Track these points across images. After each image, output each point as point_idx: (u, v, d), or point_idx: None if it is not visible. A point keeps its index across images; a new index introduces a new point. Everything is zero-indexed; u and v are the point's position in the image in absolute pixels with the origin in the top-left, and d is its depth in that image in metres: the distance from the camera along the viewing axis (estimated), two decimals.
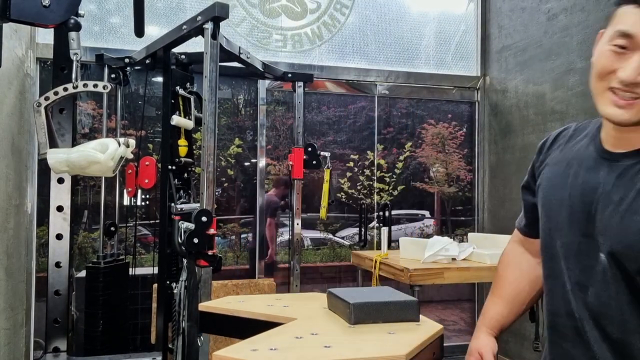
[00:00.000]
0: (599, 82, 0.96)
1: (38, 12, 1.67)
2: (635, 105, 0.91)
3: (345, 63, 3.52)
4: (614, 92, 0.93)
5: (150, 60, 2.36)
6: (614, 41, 0.93)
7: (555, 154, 1.14)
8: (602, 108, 0.96)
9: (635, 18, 0.89)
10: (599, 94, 0.97)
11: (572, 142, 1.12)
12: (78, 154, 2.02)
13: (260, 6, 3.36)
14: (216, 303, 1.71)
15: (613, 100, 0.93)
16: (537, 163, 1.19)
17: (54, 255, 2.48)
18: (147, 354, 2.48)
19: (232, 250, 3.57)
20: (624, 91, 0.91)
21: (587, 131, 1.11)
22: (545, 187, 1.13)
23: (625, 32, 0.90)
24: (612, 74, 0.92)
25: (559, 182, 1.09)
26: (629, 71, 0.89)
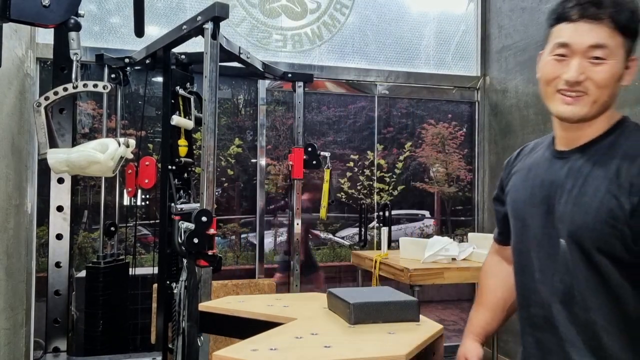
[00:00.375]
0: (548, 87, 1.14)
1: (38, 12, 1.67)
2: (580, 100, 1.09)
3: (345, 63, 3.52)
4: (561, 93, 1.11)
5: (150, 60, 2.36)
6: (554, 52, 1.12)
7: (519, 165, 1.32)
8: (554, 108, 1.13)
9: (569, 31, 1.10)
10: (550, 97, 1.14)
11: (532, 153, 1.30)
12: (78, 154, 2.02)
13: (260, 6, 3.36)
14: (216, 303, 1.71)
15: (562, 99, 1.11)
16: (504, 176, 1.37)
17: (54, 255, 2.48)
18: (147, 354, 2.48)
19: (232, 250, 3.57)
20: (569, 90, 1.09)
21: (544, 143, 1.28)
22: (512, 192, 1.29)
23: (563, 43, 1.10)
24: (557, 78, 1.11)
25: (522, 185, 1.25)
26: (572, 72, 1.08)
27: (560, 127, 1.18)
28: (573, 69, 1.08)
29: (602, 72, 1.07)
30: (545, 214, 1.16)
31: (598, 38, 1.07)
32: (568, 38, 1.09)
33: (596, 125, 1.13)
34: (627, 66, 1.11)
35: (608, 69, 1.07)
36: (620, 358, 1.09)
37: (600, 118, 1.12)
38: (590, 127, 1.13)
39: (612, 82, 1.08)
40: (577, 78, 1.07)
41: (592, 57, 1.07)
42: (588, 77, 1.07)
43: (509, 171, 1.35)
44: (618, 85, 1.10)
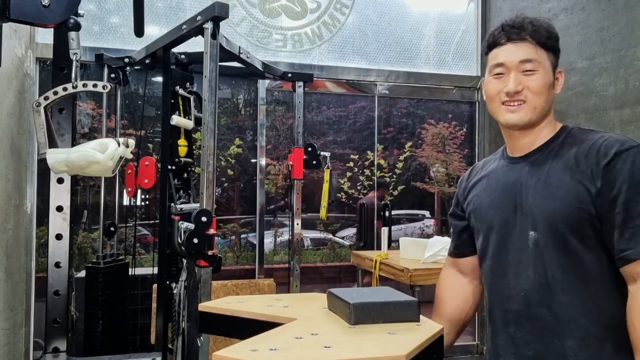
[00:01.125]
0: (493, 103, 1.34)
1: (38, 12, 1.67)
2: (522, 108, 1.29)
3: (345, 63, 3.52)
4: (505, 105, 1.31)
5: (150, 60, 2.36)
6: (493, 72, 1.33)
7: (475, 179, 1.47)
8: (501, 118, 1.33)
9: (501, 53, 1.32)
10: (496, 111, 1.34)
11: (485, 167, 1.47)
12: (77, 154, 2.01)
13: (260, 6, 3.35)
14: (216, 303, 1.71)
15: (506, 109, 1.31)
16: (460, 191, 1.52)
17: (54, 256, 2.48)
18: (147, 354, 2.48)
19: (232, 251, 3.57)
20: (511, 100, 1.29)
21: (494, 157, 1.46)
22: (473, 202, 1.42)
23: (499, 63, 1.32)
24: (500, 93, 1.31)
25: (484, 193, 1.39)
26: (511, 84, 1.29)
27: (512, 137, 1.36)
28: (511, 81, 1.29)
29: (535, 80, 1.28)
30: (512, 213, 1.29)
31: (525, 54, 1.29)
32: (502, 58, 1.32)
33: (544, 130, 1.32)
34: (555, 77, 1.33)
35: (540, 77, 1.28)
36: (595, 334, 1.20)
37: (545, 124, 1.32)
38: (540, 132, 1.32)
39: (545, 89, 1.29)
40: (515, 88, 1.28)
41: (524, 71, 1.29)
42: (525, 87, 1.28)
43: (465, 187, 1.49)
44: (552, 92, 1.31)
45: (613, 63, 2.54)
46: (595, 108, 2.62)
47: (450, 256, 1.58)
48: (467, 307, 1.51)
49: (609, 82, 2.57)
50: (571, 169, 1.23)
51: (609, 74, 2.56)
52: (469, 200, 1.44)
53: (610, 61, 2.56)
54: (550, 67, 1.32)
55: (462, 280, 1.53)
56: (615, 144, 1.21)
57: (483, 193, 1.39)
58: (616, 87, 2.52)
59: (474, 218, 1.40)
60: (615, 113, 2.51)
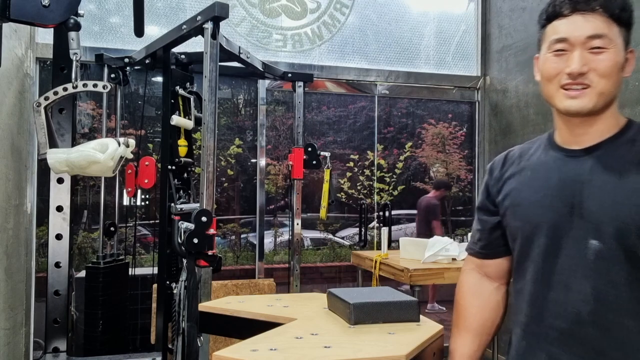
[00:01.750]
0: (551, 85, 1.11)
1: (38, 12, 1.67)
2: (586, 94, 1.06)
3: (345, 63, 3.52)
4: (565, 88, 1.08)
5: (150, 60, 2.36)
6: (553, 48, 1.10)
7: (512, 169, 1.23)
8: (560, 104, 1.10)
9: (564, 26, 1.09)
10: (554, 95, 1.11)
11: (525, 156, 1.23)
12: (78, 154, 2.01)
13: (260, 6, 3.35)
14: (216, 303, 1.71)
15: (566, 94, 1.08)
16: (492, 182, 1.28)
17: (54, 255, 2.47)
18: (147, 354, 2.48)
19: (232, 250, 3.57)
20: (573, 84, 1.07)
21: (535, 146, 1.24)
22: (513, 196, 1.20)
23: (561, 38, 1.09)
24: (560, 74, 1.09)
25: (527, 188, 1.17)
26: (575, 64, 1.06)
27: (568, 124, 1.13)
28: (575, 60, 1.06)
29: (605, 60, 1.05)
30: (566, 215, 1.09)
31: (595, 28, 1.06)
32: (565, 32, 1.08)
33: (606, 121, 1.11)
34: (625, 57, 1.09)
35: (610, 57, 1.05)
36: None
37: (609, 113, 1.10)
38: (601, 123, 1.10)
39: (615, 70, 1.06)
40: (580, 69, 1.05)
41: (592, 48, 1.06)
42: (591, 68, 1.05)
43: (499, 177, 1.25)
44: (620, 75, 1.09)
45: None
46: None
47: (475, 257, 1.33)
48: (498, 318, 1.30)
49: None
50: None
51: None
52: (506, 194, 1.21)
53: None
54: (622, 45, 1.08)
55: (489, 286, 1.30)
56: None
57: (526, 187, 1.17)
58: None
59: (511, 215, 1.19)
60: None
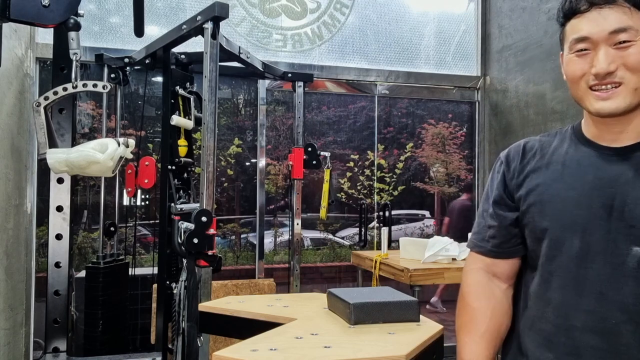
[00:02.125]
0: (578, 87, 1.04)
1: (38, 12, 1.67)
2: (618, 93, 0.99)
3: (345, 63, 3.52)
4: (594, 90, 1.01)
5: (150, 60, 2.36)
6: (575, 48, 1.03)
7: (536, 162, 1.12)
8: (590, 107, 1.02)
9: (583, 24, 1.01)
10: (583, 97, 1.04)
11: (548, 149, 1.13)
12: (77, 154, 2.01)
13: (260, 6, 3.35)
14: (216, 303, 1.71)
15: (597, 96, 1.00)
16: (510, 174, 1.15)
17: (54, 256, 2.47)
18: (147, 354, 2.48)
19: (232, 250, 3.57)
20: (601, 84, 0.99)
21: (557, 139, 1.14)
22: (539, 192, 1.08)
23: (581, 37, 1.01)
24: (586, 75, 1.01)
25: (557, 183, 1.07)
26: (600, 64, 0.98)
27: (600, 124, 1.06)
28: (601, 60, 0.98)
29: (634, 54, 0.97)
30: (604, 218, 1.00)
31: (618, 21, 0.98)
32: (585, 31, 1.00)
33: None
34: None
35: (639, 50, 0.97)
36: None
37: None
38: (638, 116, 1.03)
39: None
40: (607, 69, 0.97)
41: (617, 43, 0.98)
42: (619, 65, 0.98)
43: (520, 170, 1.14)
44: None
45: None
46: None
47: (485, 255, 1.19)
48: (509, 323, 1.18)
49: None
50: None
51: None
52: (530, 189, 1.10)
53: None
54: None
55: (501, 287, 1.18)
56: None
57: (557, 184, 1.06)
58: None
59: (538, 213, 1.07)
60: None
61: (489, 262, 1.19)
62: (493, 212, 1.18)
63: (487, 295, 1.17)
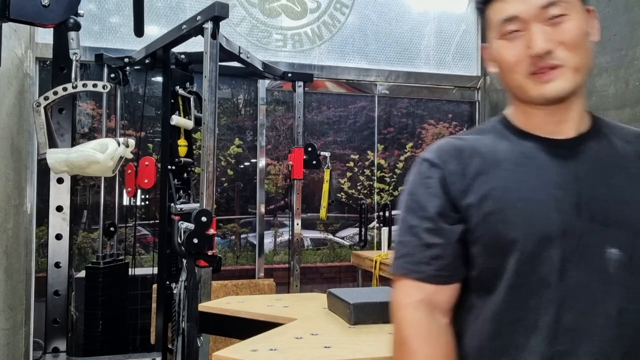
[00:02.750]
0: (514, 75, 0.91)
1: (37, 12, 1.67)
2: (560, 74, 0.87)
3: (345, 63, 3.52)
4: (535, 74, 0.88)
5: (150, 60, 2.36)
6: (503, 31, 0.90)
7: (479, 162, 0.93)
8: (533, 93, 0.89)
9: (509, 3, 0.89)
10: (523, 85, 0.90)
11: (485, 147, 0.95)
12: (77, 154, 2.01)
13: (260, 6, 3.35)
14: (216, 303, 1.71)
15: (538, 78, 0.88)
16: (451, 178, 0.93)
17: (54, 256, 2.47)
18: (147, 354, 2.48)
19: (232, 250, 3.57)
20: (542, 67, 0.87)
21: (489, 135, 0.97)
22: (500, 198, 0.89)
23: (509, 17, 0.89)
24: (522, 61, 0.89)
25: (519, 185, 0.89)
26: (537, 44, 0.86)
27: (537, 114, 0.93)
28: (537, 39, 0.86)
29: (570, 29, 0.87)
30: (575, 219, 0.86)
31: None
32: (513, 9, 0.88)
33: (582, 102, 0.93)
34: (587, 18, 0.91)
35: (575, 24, 0.87)
36: None
37: (581, 93, 0.93)
38: (579, 105, 0.93)
39: (583, 39, 0.88)
40: (545, 48, 0.85)
41: (550, 18, 0.87)
42: (557, 44, 0.86)
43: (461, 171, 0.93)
44: (589, 42, 0.91)
45: (613, 63, 2.54)
46: (595, 108, 2.62)
47: (427, 282, 0.92)
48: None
49: (609, 82, 2.57)
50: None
51: (609, 74, 2.56)
52: (483, 194, 0.90)
53: (610, 61, 2.56)
54: (581, 5, 0.90)
55: (442, 323, 0.93)
56: None
57: (515, 185, 0.89)
58: (616, 87, 2.52)
59: (499, 222, 0.88)
60: (615, 113, 2.50)
61: (431, 291, 0.93)
62: (435, 226, 0.93)
63: (433, 340, 0.91)
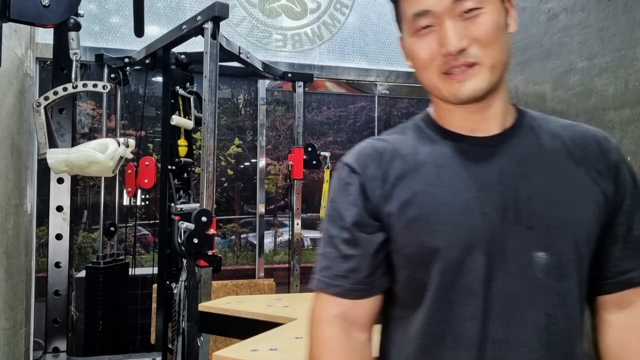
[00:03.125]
0: (428, 73, 0.85)
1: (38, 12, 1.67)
2: (474, 73, 0.82)
3: (345, 63, 3.52)
4: (449, 74, 0.83)
5: (150, 60, 2.36)
6: (415, 27, 0.84)
7: (400, 165, 0.87)
8: (448, 93, 0.84)
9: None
10: (437, 84, 0.85)
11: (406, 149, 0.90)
12: (78, 154, 2.01)
13: (260, 6, 3.35)
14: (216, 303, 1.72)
15: (451, 78, 0.82)
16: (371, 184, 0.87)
17: (54, 256, 2.47)
18: (147, 354, 2.48)
19: (232, 250, 3.57)
20: (456, 66, 0.82)
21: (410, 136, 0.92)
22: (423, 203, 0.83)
23: (420, 12, 0.82)
24: (435, 59, 0.83)
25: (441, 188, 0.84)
26: (450, 40, 0.80)
27: (458, 112, 0.88)
28: (450, 36, 0.80)
29: (485, 24, 0.81)
30: (500, 222, 0.81)
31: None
32: (424, 3, 0.82)
33: (504, 97, 0.88)
34: (504, 9, 0.85)
35: (490, 18, 0.81)
36: None
37: (504, 85, 0.88)
38: (501, 101, 0.88)
39: (499, 33, 0.82)
40: (458, 45, 0.80)
41: (464, 12, 0.81)
42: (471, 41, 0.80)
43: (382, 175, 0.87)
44: (507, 35, 0.85)
45: (613, 63, 2.54)
46: (595, 108, 2.62)
47: (344, 297, 0.87)
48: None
49: (609, 82, 2.57)
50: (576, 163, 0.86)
51: (609, 74, 2.56)
52: (405, 200, 0.84)
53: (610, 61, 2.56)
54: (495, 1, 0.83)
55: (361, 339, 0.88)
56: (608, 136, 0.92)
57: (436, 189, 0.83)
58: (616, 87, 2.52)
59: (421, 229, 0.82)
60: (615, 113, 2.50)
61: (349, 306, 0.87)
62: (351, 236, 0.86)
63: (349, 353, 0.86)
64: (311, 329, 0.89)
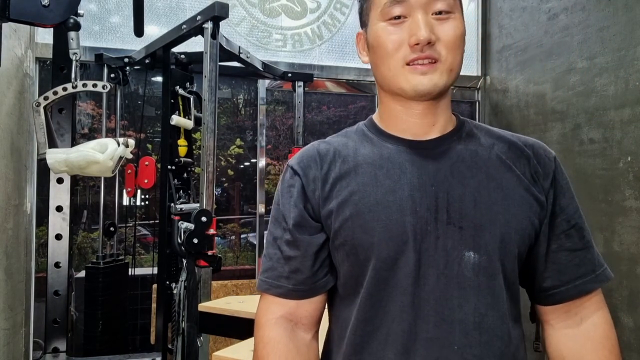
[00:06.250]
0: (390, 62, 0.86)
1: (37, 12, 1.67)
2: (436, 69, 0.84)
3: (346, 63, 3.52)
4: (412, 65, 0.84)
5: (150, 60, 2.36)
6: (388, 15, 0.85)
7: (340, 166, 0.90)
8: (405, 84, 0.85)
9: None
10: (398, 74, 0.85)
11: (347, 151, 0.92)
12: (77, 154, 2.01)
13: (260, 6, 3.35)
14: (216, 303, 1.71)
15: (414, 70, 0.84)
16: (311, 186, 0.89)
17: (53, 256, 2.47)
18: (147, 354, 2.48)
19: (232, 251, 3.56)
20: (422, 58, 0.83)
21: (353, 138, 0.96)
22: (359, 202, 0.85)
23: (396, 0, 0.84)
24: (401, 48, 0.84)
25: (377, 188, 0.86)
26: (422, 31, 0.82)
27: (409, 110, 0.89)
28: (422, 26, 0.82)
29: (452, 29, 0.84)
30: (433, 222, 0.82)
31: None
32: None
33: (448, 104, 0.91)
34: None
35: (457, 25, 0.85)
36: None
37: (449, 95, 0.92)
38: (446, 108, 0.91)
39: (460, 42, 0.86)
40: (429, 37, 0.81)
41: (435, 13, 0.84)
42: (438, 38, 0.83)
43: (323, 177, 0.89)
44: (463, 48, 0.88)
45: (613, 63, 2.54)
46: (595, 108, 2.61)
47: (286, 297, 0.89)
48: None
49: (609, 82, 2.56)
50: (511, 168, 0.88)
51: (609, 74, 2.56)
52: (342, 200, 0.86)
53: (610, 61, 2.56)
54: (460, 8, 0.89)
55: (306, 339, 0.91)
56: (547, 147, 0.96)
57: (372, 188, 0.85)
58: (616, 87, 2.52)
59: (357, 227, 0.84)
60: (615, 113, 2.50)
61: (292, 306, 0.90)
62: (292, 238, 0.89)
63: (293, 354, 0.88)
64: (256, 330, 0.90)
